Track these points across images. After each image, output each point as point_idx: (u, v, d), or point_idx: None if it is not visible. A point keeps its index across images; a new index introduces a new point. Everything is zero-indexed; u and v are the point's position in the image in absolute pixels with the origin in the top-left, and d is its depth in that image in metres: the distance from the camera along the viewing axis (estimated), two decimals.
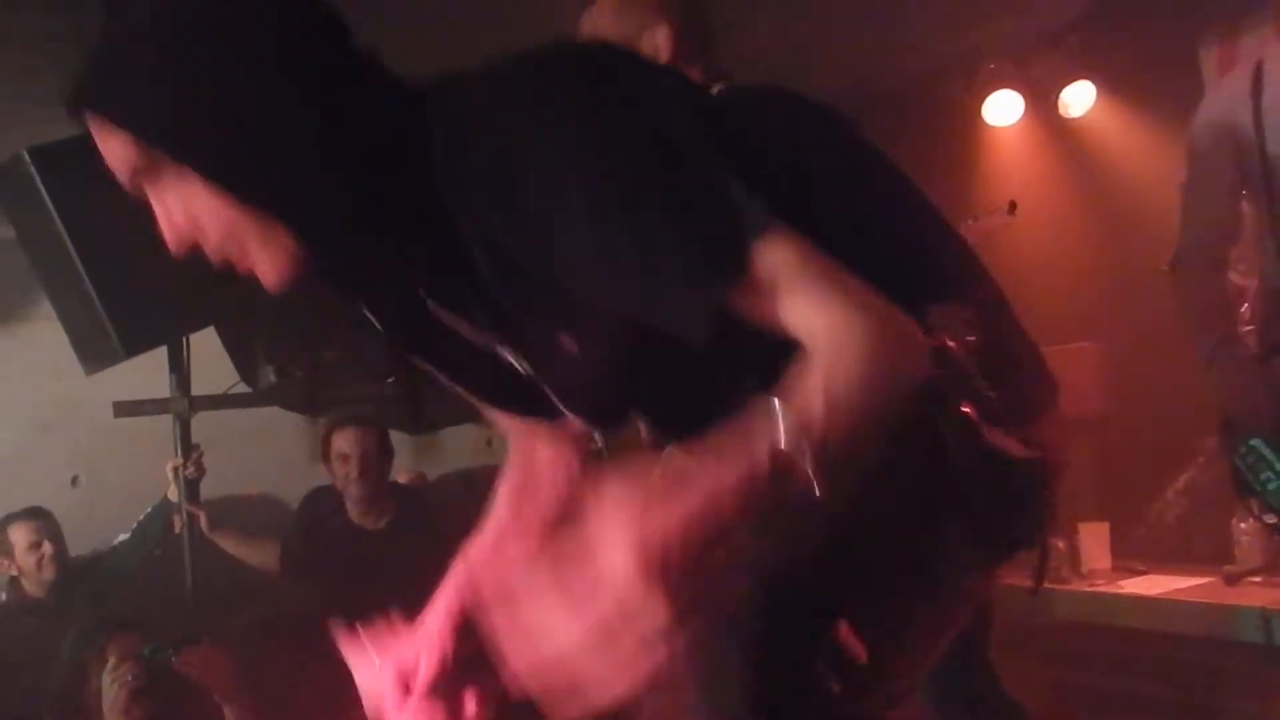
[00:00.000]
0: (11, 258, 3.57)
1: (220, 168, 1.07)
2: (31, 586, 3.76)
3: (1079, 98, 4.53)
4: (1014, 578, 1.78)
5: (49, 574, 3.75)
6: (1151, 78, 4.34)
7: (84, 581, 3.82)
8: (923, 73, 4.68)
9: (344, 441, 3.67)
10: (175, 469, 3.66)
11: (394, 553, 3.65)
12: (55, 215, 3.12)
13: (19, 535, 3.76)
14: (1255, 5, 4.13)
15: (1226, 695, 3.11)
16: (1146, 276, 3.97)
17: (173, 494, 3.70)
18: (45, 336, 3.83)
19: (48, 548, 3.75)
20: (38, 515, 3.82)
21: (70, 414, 4.46)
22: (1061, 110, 4.58)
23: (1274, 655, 2.99)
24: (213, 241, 1.14)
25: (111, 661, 3.05)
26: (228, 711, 3.07)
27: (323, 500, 3.79)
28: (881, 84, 4.71)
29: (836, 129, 1.38)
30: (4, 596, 3.81)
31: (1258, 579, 3.28)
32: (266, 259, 1.14)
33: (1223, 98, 2.49)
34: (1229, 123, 2.42)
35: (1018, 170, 4.69)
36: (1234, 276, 3.82)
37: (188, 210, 1.12)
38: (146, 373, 3.70)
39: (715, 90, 1.51)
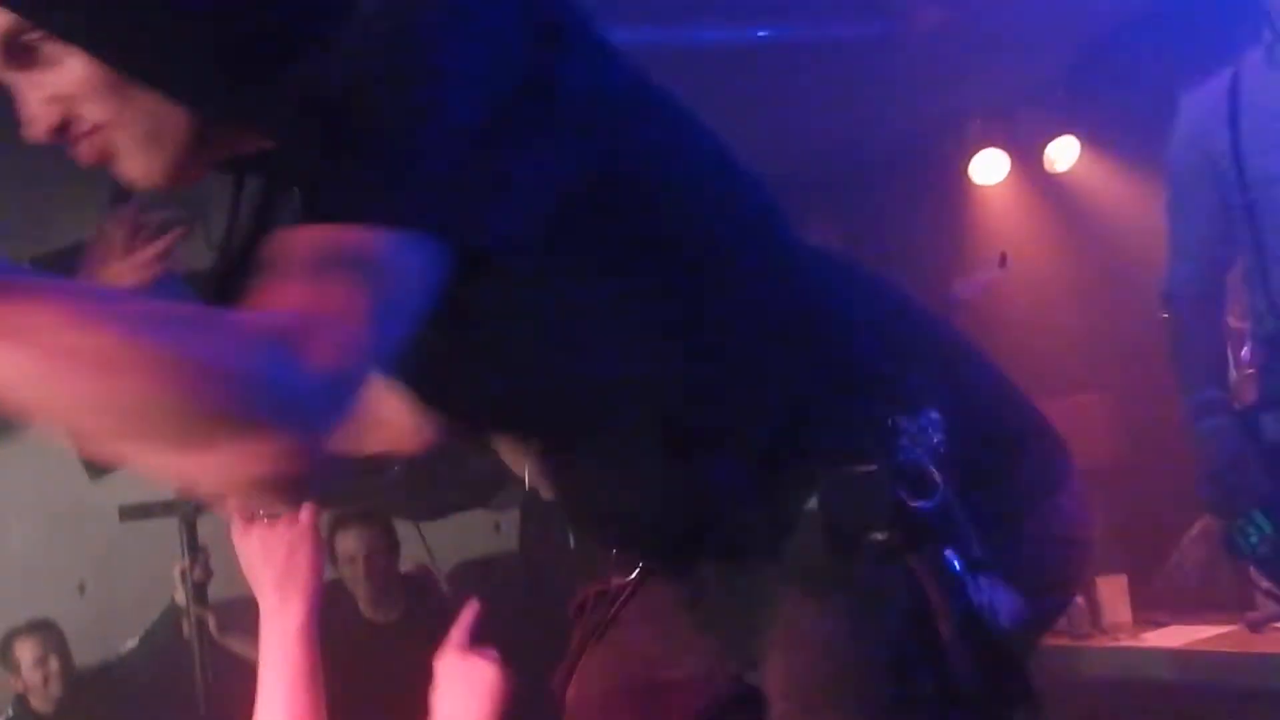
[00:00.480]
0: None
1: (106, 38, 0.91)
2: (39, 703, 3.70)
3: (1064, 153, 4.59)
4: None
5: (56, 690, 3.69)
6: (1134, 131, 4.40)
7: (93, 694, 3.76)
8: (909, 133, 4.74)
9: (348, 542, 3.63)
10: (182, 572, 3.62)
11: (407, 646, 3.60)
12: None
13: (24, 651, 3.70)
14: (1234, 55, 4.20)
15: None
16: (1146, 323, 3.99)
17: (180, 598, 3.65)
18: (51, 442, 3.81)
19: (54, 663, 3.70)
20: (43, 628, 3.76)
21: (76, 520, 4.43)
22: (1047, 166, 4.64)
23: None
24: (85, 126, 0.96)
25: None
26: None
27: (332, 596, 3.75)
28: (869, 146, 4.78)
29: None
30: (10, 713, 3.75)
31: None
32: (145, 151, 0.97)
33: (1197, 114, 2.36)
34: (1205, 147, 2.30)
35: (1007, 227, 4.73)
36: (1231, 320, 3.84)
37: (61, 92, 0.95)
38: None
39: None
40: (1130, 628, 3.55)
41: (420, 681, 3.67)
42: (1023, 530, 1.61)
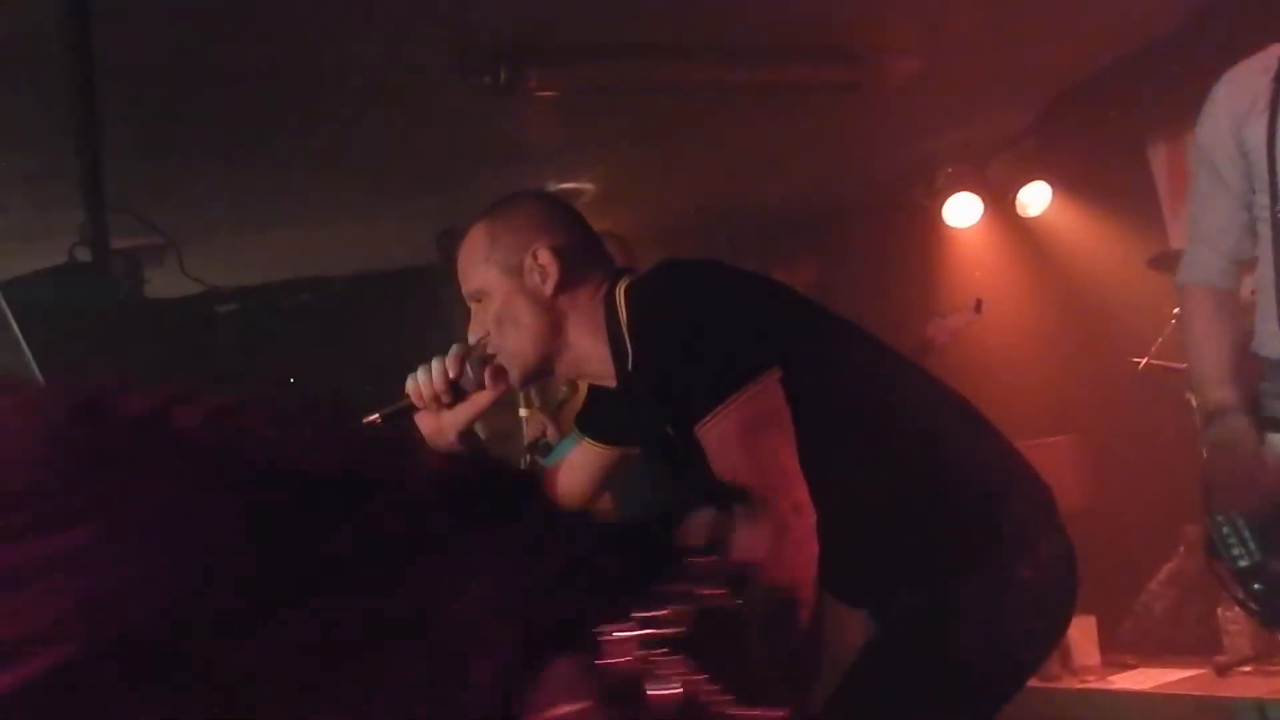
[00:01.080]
0: None
1: None
2: None
3: (1036, 197, 4.65)
4: None
5: None
6: (1104, 175, 4.48)
7: None
8: (882, 179, 4.80)
9: None
10: None
11: None
12: (25, 348, 3.10)
13: None
14: (1201, 103, 4.28)
15: None
16: (1115, 368, 4.04)
17: None
18: None
19: None
20: None
21: None
22: (1019, 210, 4.70)
23: None
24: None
25: None
26: None
27: None
28: (842, 191, 4.83)
29: None
30: None
31: (1248, 669, 3.25)
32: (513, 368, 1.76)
33: (1234, 99, 2.14)
34: (1240, 137, 2.12)
35: (980, 270, 4.78)
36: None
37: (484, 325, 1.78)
38: None
39: (621, 288, 1.73)
40: (1099, 669, 3.55)
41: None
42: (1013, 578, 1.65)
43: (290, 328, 3.76)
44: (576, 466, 1.91)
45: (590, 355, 1.73)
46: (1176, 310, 3.84)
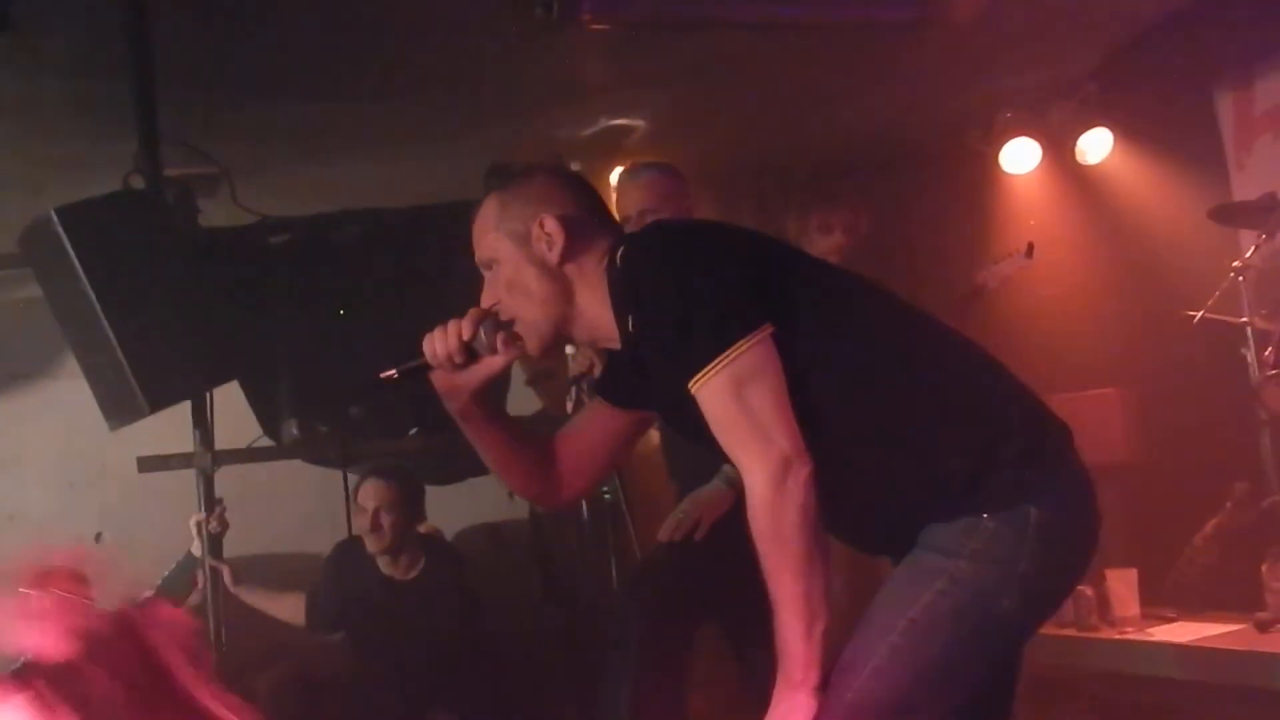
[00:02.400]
0: (39, 317, 3.62)
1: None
2: None
3: (1096, 145, 4.55)
4: (1040, 627, 1.79)
5: None
6: (1168, 124, 4.36)
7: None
8: (940, 122, 4.71)
9: (363, 495, 3.69)
10: (199, 524, 3.67)
11: (424, 603, 3.65)
12: (82, 274, 3.16)
13: None
14: (1270, 52, 4.15)
15: None
16: (1168, 321, 3.97)
17: (197, 549, 3.70)
18: (71, 395, 3.87)
19: None
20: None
21: (96, 472, 4.49)
22: (1079, 157, 4.60)
23: None
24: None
25: None
26: None
27: (353, 551, 3.79)
28: (900, 134, 4.75)
29: None
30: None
31: None
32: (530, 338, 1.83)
33: None
34: None
35: (1035, 217, 4.69)
36: (1259, 321, 3.82)
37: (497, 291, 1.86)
38: (171, 429, 3.73)
39: (619, 254, 1.79)
40: (1138, 622, 3.54)
41: (432, 639, 3.72)
42: (1028, 516, 1.67)
43: (341, 259, 3.79)
44: (596, 430, 1.95)
45: (599, 321, 1.79)
46: (1236, 263, 3.79)
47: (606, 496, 2.95)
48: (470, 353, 1.78)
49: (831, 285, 1.83)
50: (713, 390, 1.63)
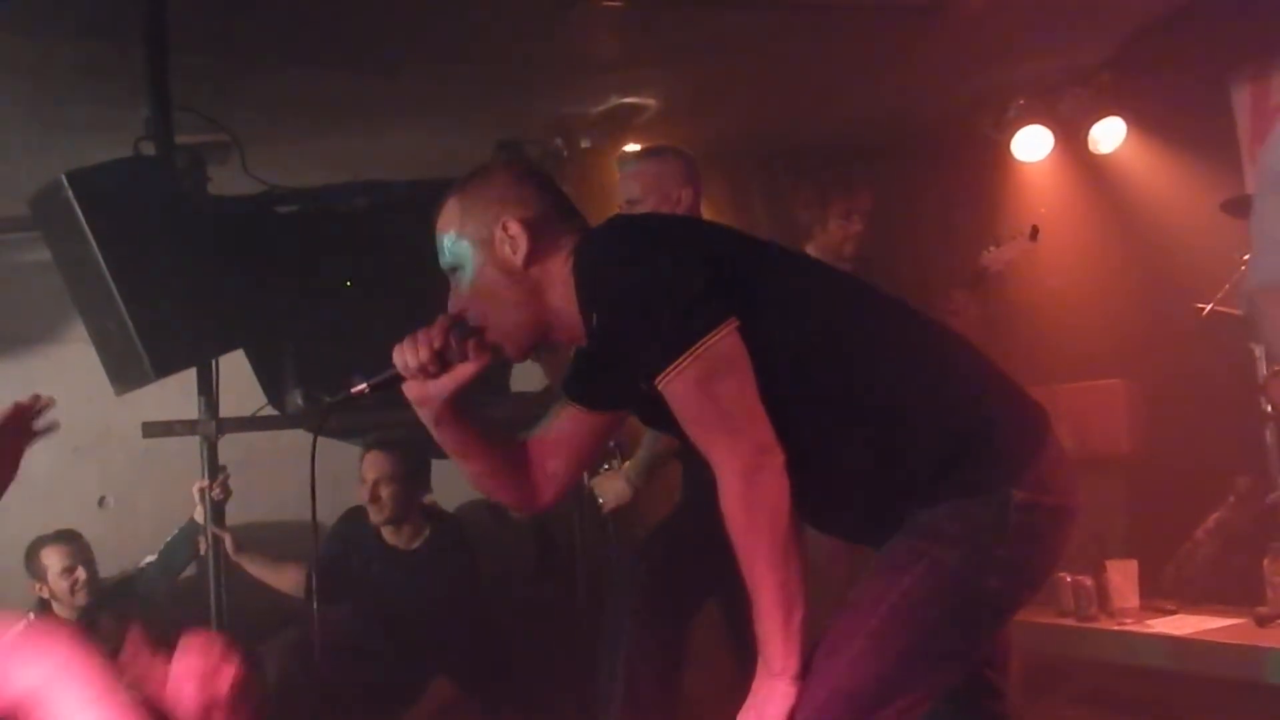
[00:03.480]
0: (46, 281, 3.63)
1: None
2: (62, 610, 3.79)
3: (1109, 134, 4.52)
4: (1038, 616, 1.79)
5: (81, 599, 3.77)
6: (1183, 115, 4.33)
7: (114, 604, 3.84)
8: (952, 109, 4.69)
9: (365, 465, 3.70)
10: (202, 491, 3.68)
11: (428, 572, 3.66)
12: (92, 239, 3.17)
13: (52, 559, 3.78)
14: None
15: None
16: (1176, 313, 3.96)
17: (199, 516, 3.72)
18: (77, 359, 3.88)
19: (81, 573, 3.78)
20: (71, 540, 3.83)
21: (101, 437, 4.50)
22: (1091, 146, 4.58)
23: None
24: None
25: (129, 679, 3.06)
26: None
27: (356, 521, 3.81)
28: (911, 120, 4.73)
29: None
30: (32, 617, 3.83)
31: None
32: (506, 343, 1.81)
33: None
34: None
35: (1046, 206, 4.67)
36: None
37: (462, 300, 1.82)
38: (177, 396, 3.74)
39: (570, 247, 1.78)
40: (1137, 613, 3.54)
41: (435, 608, 3.74)
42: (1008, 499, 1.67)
43: (348, 231, 3.79)
44: (568, 431, 1.91)
45: (571, 321, 1.75)
46: (1247, 256, 3.76)
47: (606, 470, 2.96)
48: (442, 361, 1.75)
49: (797, 276, 1.82)
50: (680, 386, 1.62)
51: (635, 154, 3.28)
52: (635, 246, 1.72)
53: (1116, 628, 3.48)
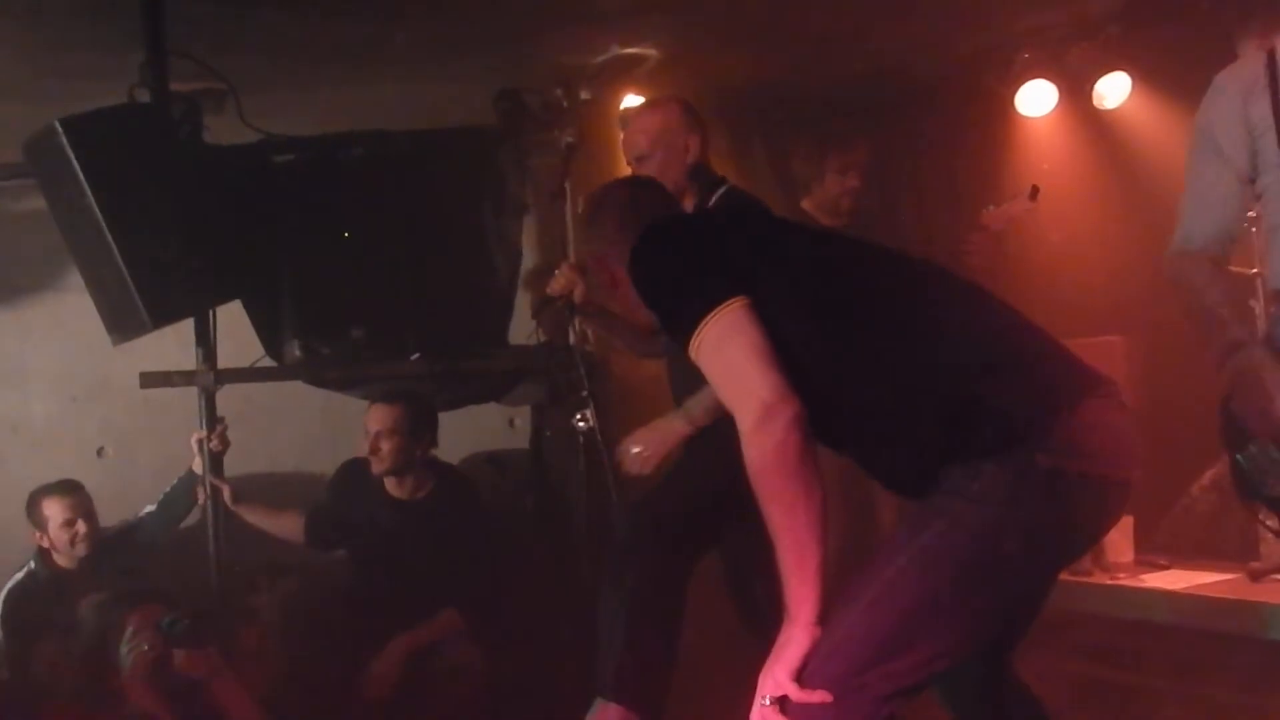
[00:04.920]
0: (42, 230, 3.60)
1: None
2: (63, 560, 3.80)
3: (1114, 89, 4.47)
4: None
5: (81, 550, 3.78)
6: (1189, 71, 4.27)
7: (114, 554, 3.85)
8: (956, 62, 4.64)
9: (369, 417, 3.70)
10: (200, 442, 3.69)
11: (433, 522, 3.68)
12: (87, 186, 3.14)
13: (53, 510, 3.79)
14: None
15: (1248, 691, 3.09)
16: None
17: (198, 466, 3.73)
18: (74, 310, 3.87)
19: (81, 526, 3.78)
20: (72, 491, 3.82)
21: (99, 387, 4.50)
22: (1096, 102, 4.53)
23: None
24: None
25: (130, 631, 3.10)
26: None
27: (357, 472, 3.82)
28: (915, 72, 4.68)
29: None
30: (32, 565, 3.85)
31: None
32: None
33: (1237, 84, 2.39)
34: (1245, 114, 2.31)
35: (1049, 161, 4.64)
36: (1239, 269, 3.78)
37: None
38: (175, 347, 3.73)
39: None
40: (1131, 568, 3.57)
41: (439, 558, 3.76)
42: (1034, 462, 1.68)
43: (346, 181, 3.76)
44: None
45: None
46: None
47: (581, 425, 2.95)
48: None
49: (815, 250, 2.02)
50: (700, 354, 1.85)
51: (636, 110, 3.24)
52: (656, 258, 2.00)
53: (1111, 582, 3.51)
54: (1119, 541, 3.57)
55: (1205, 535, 3.74)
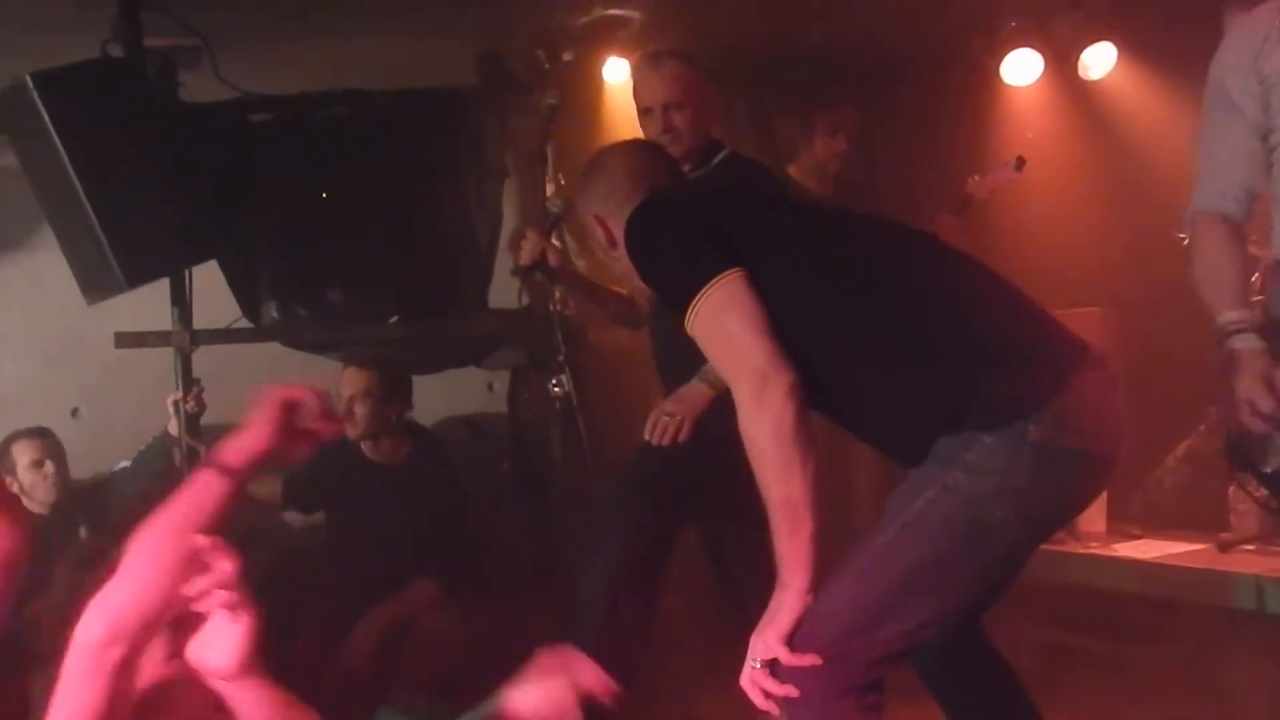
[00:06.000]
0: (14, 187, 3.55)
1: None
2: (32, 505, 3.79)
3: (1100, 59, 4.47)
4: None
5: (51, 493, 3.77)
6: (1175, 41, 4.27)
7: (85, 505, 3.84)
8: (941, 30, 4.61)
9: (343, 381, 3.68)
10: (175, 403, 3.66)
11: (409, 485, 3.67)
12: (59, 142, 3.09)
13: (21, 453, 3.78)
14: None
15: (1217, 660, 3.13)
16: (1158, 242, 3.95)
17: (173, 428, 3.70)
18: (48, 268, 3.82)
19: (50, 467, 3.78)
20: (41, 435, 3.83)
21: (73, 347, 4.45)
22: (1081, 71, 4.52)
23: (1265, 622, 3.01)
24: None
25: None
26: None
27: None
28: (899, 41, 4.65)
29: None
30: None
31: (1251, 547, 3.29)
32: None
33: (1249, 36, 2.33)
34: (1258, 68, 2.27)
35: (1033, 131, 4.64)
36: (1250, 248, 3.80)
37: None
38: (150, 307, 3.69)
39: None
40: (1103, 538, 3.61)
41: (415, 521, 3.76)
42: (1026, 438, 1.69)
43: (324, 141, 3.71)
44: None
45: None
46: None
47: (556, 390, 2.94)
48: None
49: (803, 224, 2.03)
50: (697, 327, 1.87)
51: (665, 53, 3.08)
52: (651, 232, 2.00)
53: (1083, 551, 3.54)
54: (1092, 512, 3.59)
55: (1177, 506, 3.78)
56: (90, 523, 3.76)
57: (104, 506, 3.86)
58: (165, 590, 1.54)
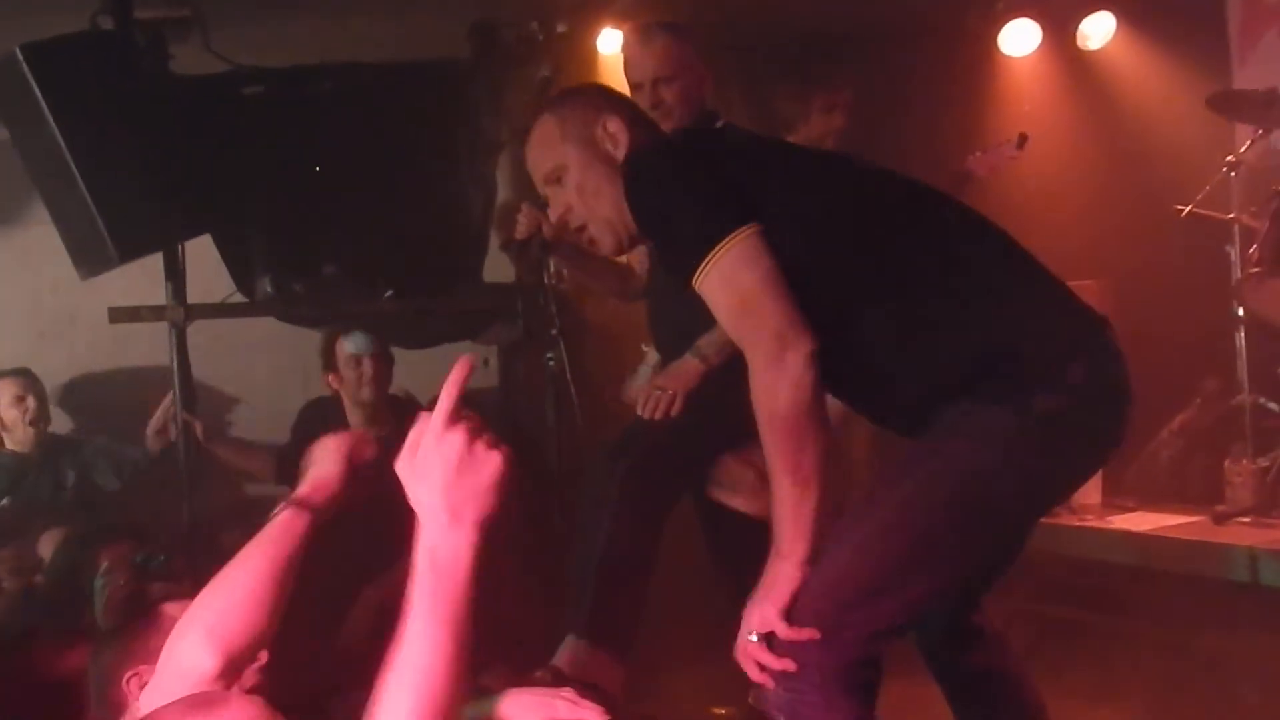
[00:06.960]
0: (5, 161, 3.52)
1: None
2: (14, 443, 3.83)
3: (1099, 29, 4.44)
4: None
5: (32, 431, 3.81)
6: (1173, 12, 4.25)
7: (67, 454, 3.88)
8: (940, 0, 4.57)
9: (347, 345, 3.64)
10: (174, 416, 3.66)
11: (391, 459, 3.66)
12: (49, 116, 3.07)
13: (3, 390, 3.82)
14: None
15: (1211, 631, 3.14)
16: (1157, 214, 3.93)
17: (168, 402, 3.70)
18: (41, 243, 3.80)
19: (31, 403, 3.83)
20: (23, 374, 3.87)
21: (66, 322, 4.44)
22: (1080, 42, 4.50)
23: (1259, 593, 3.02)
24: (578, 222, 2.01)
25: (104, 566, 3.08)
26: None
27: (322, 411, 3.79)
28: (897, 9, 4.61)
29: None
30: None
31: (1246, 520, 3.30)
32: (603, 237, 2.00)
33: None
34: None
35: (1031, 102, 4.61)
36: (1246, 218, 3.79)
37: (567, 202, 2.01)
38: (144, 282, 3.68)
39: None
40: (1098, 510, 3.61)
41: (403, 496, 3.75)
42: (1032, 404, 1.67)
43: (317, 114, 3.69)
44: None
45: None
46: (1230, 158, 3.74)
47: (551, 363, 2.93)
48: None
49: (821, 177, 1.90)
50: (708, 286, 1.74)
51: (656, 26, 3.04)
52: (658, 178, 1.83)
53: (1078, 523, 3.55)
54: (1087, 484, 3.60)
55: (1171, 479, 3.79)
56: (82, 506, 3.79)
57: (92, 488, 3.89)
58: (268, 623, 1.67)
